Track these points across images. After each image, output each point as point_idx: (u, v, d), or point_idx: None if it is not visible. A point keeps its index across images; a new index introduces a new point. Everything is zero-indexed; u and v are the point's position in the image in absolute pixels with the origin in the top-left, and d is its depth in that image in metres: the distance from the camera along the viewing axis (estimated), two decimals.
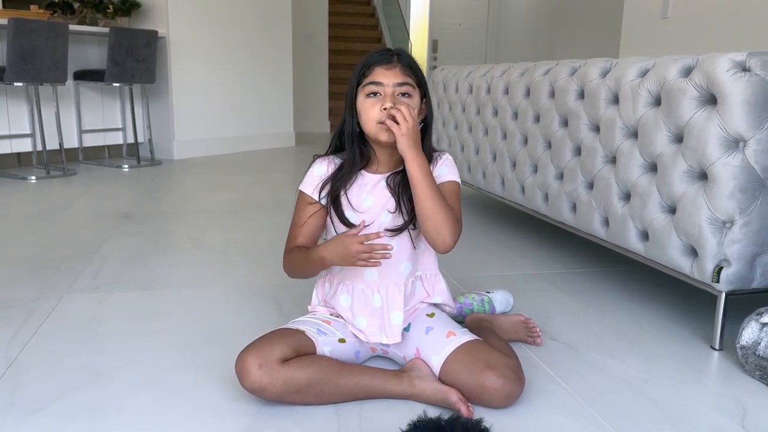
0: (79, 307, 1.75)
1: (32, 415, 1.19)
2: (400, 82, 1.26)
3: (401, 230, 1.31)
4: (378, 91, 1.26)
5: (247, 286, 1.96)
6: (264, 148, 5.71)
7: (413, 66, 1.29)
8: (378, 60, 1.27)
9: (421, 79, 1.30)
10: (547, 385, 1.33)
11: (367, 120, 1.27)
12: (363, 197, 1.33)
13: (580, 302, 1.86)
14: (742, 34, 3.19)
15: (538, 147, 2.28)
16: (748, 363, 1.39)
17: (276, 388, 1.17)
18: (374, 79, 1.26)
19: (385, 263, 1.31)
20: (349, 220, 1.32)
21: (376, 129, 1.27)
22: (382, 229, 1.30)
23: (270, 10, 5.58)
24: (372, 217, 1.32)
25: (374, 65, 1.27)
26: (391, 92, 1.25)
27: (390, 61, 1.26)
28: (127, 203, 3.20)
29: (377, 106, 1.25)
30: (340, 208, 1.32)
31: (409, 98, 1.27)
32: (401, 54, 1.29)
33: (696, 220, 1.49)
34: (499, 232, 2.72)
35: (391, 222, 1.32)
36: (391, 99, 1.25)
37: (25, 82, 3.79)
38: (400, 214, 1.32)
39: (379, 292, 1.34)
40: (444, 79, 3.29)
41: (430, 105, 1.34)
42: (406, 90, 1.26)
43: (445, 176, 1.35)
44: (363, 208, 1.32)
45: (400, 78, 1.26)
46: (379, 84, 1.25)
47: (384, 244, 1.20)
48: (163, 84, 4.86)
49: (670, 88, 1.57)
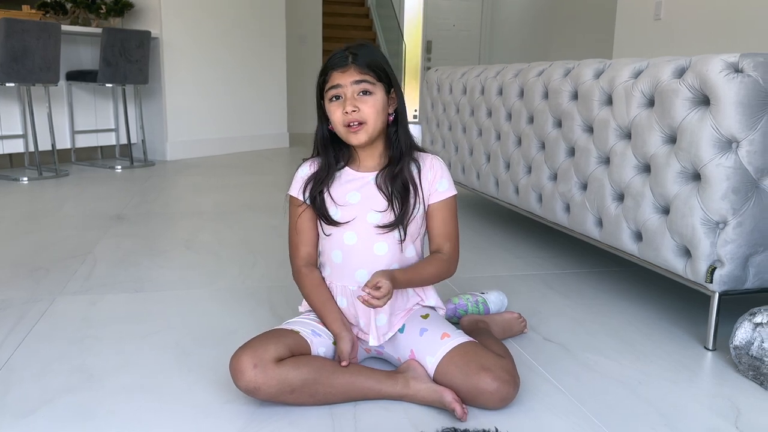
0: (72, 308, 1.74)
1: (24, 417, 1.18)
2: (357, 80, 1.27)
3: (392, 227, 1.31)
4: (339, 94, 1.28)
5: (239, 287, 1.95)
6: (258, 149, 5.70)
7: (371, 63, 1.29)
8: (333, 64, 1.29)
9: (382, 74, 1.30)
10: (540, 385, 1.33)
11: (335, 123, 1.30)
12: (349, 193, 1.34)
13: (573, 302, 1.86)
14: (735, 35, 3.20)
15: (531, 148, 2.29)
16: (742, 363, 1.39)
17: (271, 388, 1.16)
18: (333, 83, 1.28)
19: (375, 265, 1.32)
20: (332, 217, 1.33)
21: (344, 132, 1.30)
22: (372, 226, 1.31)
23: (264, 10, 5.57)
24: (354, 213, 1.33)
25: (330, 70, 1.29)
26: (350, 93, 1.27)
27: (344, 64, 1.28)
28: (120, 204, 3.19)
29: (340, 110, 1.28)
30: (324, 205, 1.34)
31: (371, 95, 1.28)
32: (357, 53, 1.28)
33: (689, 221, 1.50)
34: (493, 232, 2.72)
35: (380, 220, 1.32)
36: (351, 101, 1.27)
37: (16, 83, 3.77)
38: (391, 211, 1.32)
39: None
40: (438, 80, 3.29)
41: (400, 94, 1.35)
42: (364, 88, 1.28)
43: (445, 192, 1.36)
44: (348, 204, 1.33)
45: (356, 76, 1.27)
46: (338, 86, 1.28)
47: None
48: (156, 85, 4.84)
49: (663, 89, 1.58)
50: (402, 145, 1.34)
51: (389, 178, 1.32)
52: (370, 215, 1.32)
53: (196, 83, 5.06)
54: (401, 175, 1.32)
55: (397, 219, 1.32)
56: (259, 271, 2.10)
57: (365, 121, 1.28)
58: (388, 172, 1.33)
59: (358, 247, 1.33)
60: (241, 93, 5.48)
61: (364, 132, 1.29)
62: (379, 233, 1.32)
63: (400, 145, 1.34)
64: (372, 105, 1.28)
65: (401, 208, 1.32)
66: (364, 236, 1.32)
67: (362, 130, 1.28)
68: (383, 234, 1.32)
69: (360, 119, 1.27)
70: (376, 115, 1.29)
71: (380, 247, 1.32)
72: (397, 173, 1.32)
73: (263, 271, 2.10)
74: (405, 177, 1.33)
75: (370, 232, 1.32)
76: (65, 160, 4.60)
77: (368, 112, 1.28)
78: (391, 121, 1.34)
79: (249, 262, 2.21)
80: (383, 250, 1.33)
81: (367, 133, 1.29)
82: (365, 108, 1.27)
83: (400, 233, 1.33)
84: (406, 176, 1.33)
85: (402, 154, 1.34)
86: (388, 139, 1.35)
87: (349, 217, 1.32)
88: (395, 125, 1.34)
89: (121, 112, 4.76)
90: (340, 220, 1.33)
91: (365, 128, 1.28)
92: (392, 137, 1.35)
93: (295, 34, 6.82)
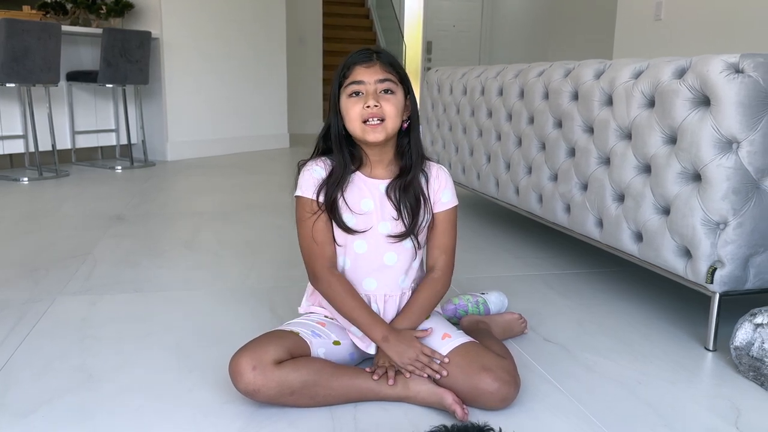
0: (71, 309, 1.74)
1: (24, 417, 1.18)
2: (382, 78, 1.25)
3: (404, 237, 1.31)
4: (360, 90, 1.25)
5: (240, 287, 1.95)
6: (258, 149, 5.70)
7: (394, 63, 1.28)
8: (358, 59, 1.26)
9: (403, 76, 1.29)
10: (540, 386, 1.33)
11: (351, 120, 1.26)
12: (363, 200, 1.31)
13: (574, 303, 1.86)
14: (735, 36, 3.20)
15: (532, 148, 2.28)
16: (742, 364, 1.39)
17: (270, 390, 1.16)
18: (355, 78, 1.25)
19: (384, 274, 1.31)
20: (346, 224, 1.30)
21: (360, 129, 1.26)
22: (384, 236, 1.30)
23: (264, 11, 5.57)
24: (370, 222, 1.31)
25: (354, 65, 1.26)
26: (373, 90, 1.24)
27: (370, 59, 1.26)
28: (120, 205, 3.19)
29: (360, 104, 1.25)
30: (338, 212, 1.30)
31: (392, 95, 1.26)
32: (380, 52, 1.28)
33: (690, 222, 1.49)
34: (493, 233, 2.72)
35: (392, 229, 1.31)
36: (374, 97, 1.24)
37: (17, 83, 3.77)
38: (401, 221, 1.31)
39: (377, 302, 1.34)
40: (438, 81, 3.29)
41: (414, 102, 1.33)
42: (388, 86, 1.25)
43: (447, 202, 1.35)
44: (362, 211, 1.31)
45: (380, 74, 1.25)
46: (361, 83, 1.25)
47: (441, 364, 1.23)
48: (157, 85, 4.84)
49: (663, 89, 1.58)
50: (414, 155, 1.32)
51: (401, 188, 1.31)
52: (382, 225, 1.31)
53: (196, 84, 5.06)
54: (412, 186, 1.31)
55: (409, 229, 1.30)
56: (259, 272, 2.10)
57: (385, 119, 1.25)
58: (399, 183, 1.31)
59: (367, 257, 1.31)
60: (241, 93, 5.48)
61: (383, 129, 1.25)
62: (390, 242, 1.31)
63: (411, 154, 1.32)
64: (394, 104, 1.26)
65: (412, 219, 1.30)
66: (374, 246, 1.31)
67: (381, 127, 1.25)
68: (394, 244, 1.31)
69: (381, 115, 1.24)
70: (396, 115, 1.26)
71: (390, 258, 1.32)
72: (408, 184, 1.30)
73: (263, 272, 2.10)
74: (416, 188, 1.31)
75: (380, 241, 1.31)
76: (65, 161, 4.60)
77: (389, 110, 1.25)
78: (404, 129, 1.32)
79: (249, 263, 2.20)
80: (392, 260, 1.32)
81: (385, 130, 1.25)
82: (387, 105, 1.25)
83: (413, 242, 1.32)
84: (417, 187, 1.32)
85: (413, 164, 1.32)
86: (398, 147, 1.33)
87: (364, 226, 1.30)
88: (407, 135, 1.32)
89: (122, 113, 4.76)
90: (355, 228, 1.30)
91: (384, 126, 1.25)
92: (404, 146, 1.32)
93: (295, 34, 6.81)
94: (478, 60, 8.59)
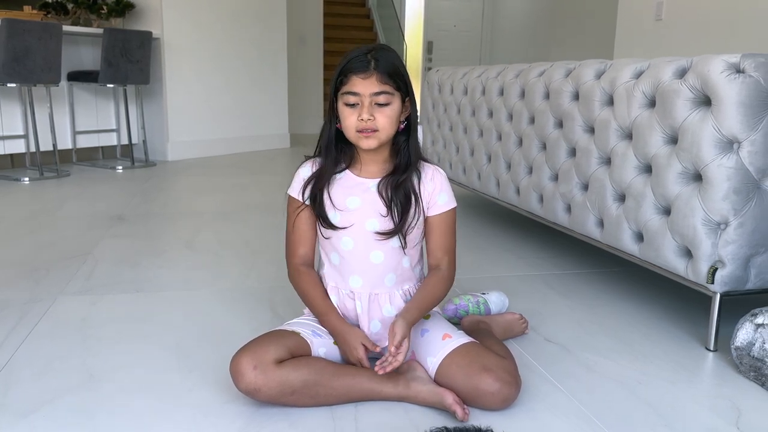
0: (72, 308, 1.74)
1: (24, 417, 1.18)
2: (377, 92, 1.24)
3: (391, 234, 1.30)
4: (355, 102, 1.25)
5: (240, 287, 1.95)
6: (259, 149, 5.70)
7: (391, 71, 1.25)
8: (354, 68, 1.24)
9: (401, 83, 1.27)
10: (541, 386, 1.33)
11: (347, 128, 1.27)
12: (349, 198, 1.32)
13: (574, 303, 1.86)
14: (736, 36, 3.20)
15: (532, 148, 2.28)
16: (743, 364, 1.39)
17: (271, 390, 1.16)
18: (351, 89, 1.25)
19: (370, 273, 1.32)
20: (331, 220, 1.31)
21: (355, 136, 1.27)
22: (371, 233, 1.30)
23: (265, 11, 5.57)
24: (353, 220, 1.31)
25: (350, 73, 1.25)
26: (368, 102, 1.24)
27: (366, 69, 1.24)
28: (121, 205, 3.19)
29: (354, 115, 1.25)
30: (322, 207, 1.31)
31: (388, 106, 1.25)
32: (379, 58, 1.25)
33: (690, 222, 1.49)
34: (493, 233, 2.72)
35: (380, 226, 1.31)
36: (368, 110, 1.24)
37: (18, 83, 3.77)
38: (390, 219, 1.31)
39: (360, 299, 1.34)
40: (439, 81, 3.29)
41: (413, 103, 1.33)
42: (383, 99, 1.25)
43: (444, 205, 1.34)
44: (348, 209, 1.31)
45: (376, 87, 1.24)
46: (356, 94, 1.24)
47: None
48: (157, 85, 4.84)
49: (664, 89, 1.58)
50: (411, 155, 1.32)
51: (392, 186, 1.30)
52: (369, 222, 1.31)
53: (197, 83, 5.06)
54: (404, 184, 1.30)
55: (397, 227, 1.30)
56: (259, 271, 2.10)
57: (378, 130, 1.26)
58: (391, 181, 1.31)
59: (354, 253, 1.32)
60: (242, 93, 5.48)
61: (376, 138, 1.26)
62: (378, 240, 1.30)
63: (408, 154, 1.32)
64: (388, 115, 1.25)
65: (401, 217, 1.30)
66: (361, 243, 1.31)
67: (374, 136, 1.26)
68: (381, 241, 1.31)
69: (374, 127, 1.25)
70: (391, 125, 1.27)
71: (376, 256, 1.31)
72: (400, 183, 1.30)
73: (264, 271, 2.10)
74: (408, 187, 1.31)
75: (368, 238, 1.31)
76: (66, 161, 4.60)
77: (383, 122, 1.25)
78: (402, 129, 1.31)
79: (249, 262, 2.20)
80: (379, 258, 1.31)
81: (378, 139, 1.26)
82: (381, 118, 1.25)
83: (400, 241, 1.32)
84: (408, 186, 1.31)
85: (408, 164, 1.32)
86: (394, 145, 1.33)
87: (347, 222, 1.31)
88: (405, 134, 1.32)
89: (122, 113, 4.76)
90: (338, 225, 1.31)
91: (377, 135, 1.26)
92: (401, 145, 1.32)
93: (296, 34, 6.81)
94: (479, 60, 8.59)
